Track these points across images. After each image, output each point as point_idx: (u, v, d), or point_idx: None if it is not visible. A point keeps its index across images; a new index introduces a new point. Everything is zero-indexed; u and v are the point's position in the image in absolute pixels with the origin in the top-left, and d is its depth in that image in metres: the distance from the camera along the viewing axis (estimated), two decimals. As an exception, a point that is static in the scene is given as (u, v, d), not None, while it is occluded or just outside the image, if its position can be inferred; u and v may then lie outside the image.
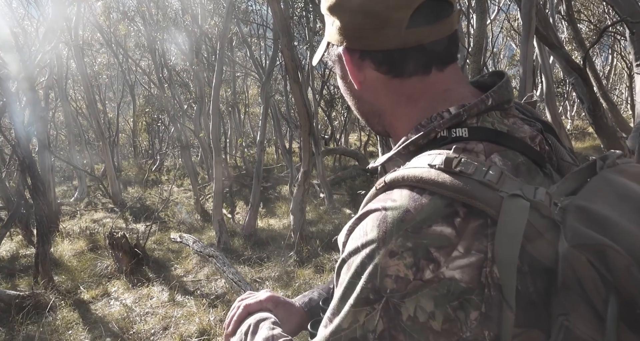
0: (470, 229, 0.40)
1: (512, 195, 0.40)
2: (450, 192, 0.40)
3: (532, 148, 0.47)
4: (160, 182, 10.63)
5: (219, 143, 5.87)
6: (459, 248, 0.39)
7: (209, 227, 6.04)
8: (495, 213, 0.39)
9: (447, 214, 0.40)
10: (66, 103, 9.09)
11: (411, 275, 0.39)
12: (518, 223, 0.39)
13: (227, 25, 5.51)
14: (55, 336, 3.26)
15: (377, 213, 0.43)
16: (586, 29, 8.48)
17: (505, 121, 0.49)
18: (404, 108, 0.52)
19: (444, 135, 0.48)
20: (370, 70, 0.51)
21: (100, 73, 12.83)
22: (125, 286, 4.16)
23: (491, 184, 0.41)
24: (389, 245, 0.40)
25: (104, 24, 9.03)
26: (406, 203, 0.41)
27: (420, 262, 0.39)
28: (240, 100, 12.11)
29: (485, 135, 0.47)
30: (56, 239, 5.53)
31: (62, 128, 13.29)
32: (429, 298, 0.39)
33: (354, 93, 0.55)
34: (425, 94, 0.51)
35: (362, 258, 0.42)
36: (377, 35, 0.49)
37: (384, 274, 0.40)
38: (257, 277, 4.23)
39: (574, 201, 0.40)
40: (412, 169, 0.44)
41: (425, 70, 0.51)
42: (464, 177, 0.41)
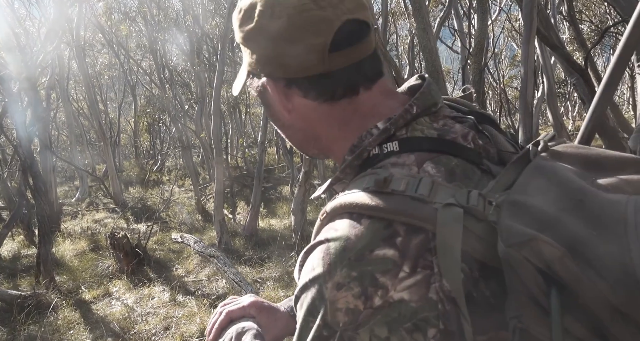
0: (413, 247, 0.39)
1: (445, 205, 0.39)
2: (386, 213, 0.40)
3: (464, 147, 0.46)
4: (161, 182, 10.64)
5: (220, 143, 5.88)
6: (405, 269, 0.38)
7: (210, 227, 6.04)
8: (433, 226, 0.39)
9: (387, 236, 0.39)
10: (68, 103, 9.11)
11: (361, 305, 0.39)
12: (454, 232, 0.38)
13: (228, 25, 5.52)
14: (56, 336, 3.26)
15: (322, 246, 0.42)
16: (588, 30, 8.47)
17: (435, 125, 0.48)
18: (338, 131, 0.51)
19: (376, 153, 0.47)
20: (298, 98, 0.50)
21: (102, 73, 12.85)
22: (127, 286, 4.17)
23: (423, 198, 0.40)
24: (334, 277, 0.39)
25: (105, 24, 9.05)
26: (347, 232, 0.41)
27: (368, 290, 0.39)
28: (241, 100, 12.12)
29: (416, 144, 0.46)
30: (58, 239, 5.54)
31: (63, 128, 13.32)
32: (382, 325, 0.38)
33: (284, 122, 0.54)
34: (355, 114, 0.50)
35: (312, 294, 0.41)
36: (300, 62, 0.47)
37: (334, 308, 0.39)
38: (258, 277, 4.23)
39: (508, 196, 0.40)
40: (348, 195, 0.43)
41: (353, 91, 0.50)
42: (397, 195, 0.41)
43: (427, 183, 0.41)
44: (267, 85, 0.51)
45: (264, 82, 0.51)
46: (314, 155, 0.57)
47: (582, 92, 3.69)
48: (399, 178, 0.42)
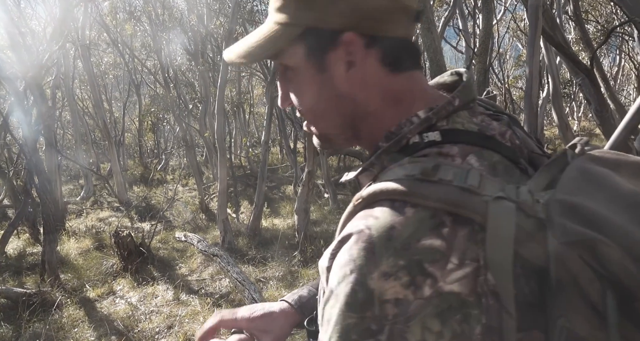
0: (460, 238, 0.38)
1: (496, 198, 0.38)
2: (433, 202, 0.38)
3: (504, 145, 0.45)
4: (165, 181, 10.68)
5: (224, 143, 5.89)
6: (453, 260, 0.37)
7: (213, 226, 6.06)
8: (482, 218, 0.37)
9: (433, 226, 0.38)
10: (73, 102, 9.17)
11: (411, 295, 0.36)
12: (507, 226, 0.37)
13: (232, 25, 5.53)
14: (61, 333, 3.28)
15: (361, 235, 0.39)
16: (594, 30, 8.42)
17: (474, 120, 0.47)
18: (388, 109, 0.48)
19: (417, 141, 0.45)
20: (373, 62, 0.46)
21: (107, 73, 12.91)
22: (131, 284, 4.19)
23: (473, 189, 0.39)
24: (381, 266, 0.37)
25: (110, 24, 9.09)
26: (390, 220, 0.39)
27: (417, 279, 0.37)
28: (245, 100, 12.14)
29: (457, 136, 0.44)
30: (62, 237, 5.58)
31: (68, 127, 13.40)
32: (433, 317, 0.36)
33: (339, 90, 0.48)
34: (409, 93, 0.48)
35: (352, 286, 0.38)
36: (392, 20, 0.45)
37: (382, 299, 0.37)
38: (261, 277, 4.24)
39: (554, 196, 0.39)
40: (389, 182, 0.41)
41: (417, 65, 0.49)
42: (444, 184, 0.39)
43: (476, 175, 0.40)
44: (349, 42, 0.45)
45: (346, 39, 0.45)
46: (342, 141, 0.52)
47: (587, 93, 3.67)
48: (446, 168, 0.40)
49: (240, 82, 11.90)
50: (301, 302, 0.70)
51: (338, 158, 10.88)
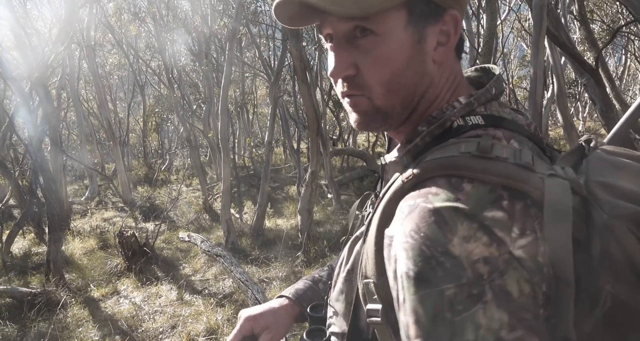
0: (518, 211, 0.39)
1: (550, 174, 0.40)
2: (493, 176, 0.40)
3: (533, 134, 0.48)
4: (169, 181, 10.71)
5: (228, 143, 5.90)
6: (515, 230, 0.38)
7: (217, 226, 6.07)
8: (538, 193, 0.39)
9: (493, 199, 0.39)
10: (78, 103, 9.22)
11: (495, 251, 0.37)
12: (565, 200, 0.39)
13: (236, 25, 5.54)
14: (65, 333, 3.30)
15: (424, 208, 0.39)
16: (599, 29, 8.36)
17: (504, 110, 0.50)
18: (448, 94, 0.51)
19: (461, 124, 0.47)
20: (453, 45, 0.51)
21: (112, 73, 12.98)
22: (135, 284, 4.21)
23: (529, 166, 0.41)
24: (458, 232, 0.37)
25: (115, 24, 9.14)
26: (451, 194, 0.40)
27: (495, 238, 0.38)
28: (248, 100, 12.16)
29: (497, 122, 0.47)
30: (67, 237, 5.61)
31: (73, 128, 13.47)
32: (522, 268, 0.37)
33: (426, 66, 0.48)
34: (460, 80, 0.52)
35: (435, 258, 0.37)
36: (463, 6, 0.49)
37: (470, 261, 0.36)
38: (264, 277, 4.24)
39: (590, 177, 0.42)
40: (443, 159, 0.42)
41: (460, 53, 0.53)
42: (501, 161, 0.41)
43: (528, 154, 0.42)
44: (449, 21, 0.48)
45: (451, 15, 0.47)
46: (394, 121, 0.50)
47: (592, 93, 3.64)
48: (499, 147, 0.42)
49: (244, 82, 11.92)
50: (298, 294, 0.72)
51: (342, 159, 10.87)
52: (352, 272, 0.56)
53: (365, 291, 0.47)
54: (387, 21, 0.45)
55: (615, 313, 0.37)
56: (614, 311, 0.37)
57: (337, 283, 0.59)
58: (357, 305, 0.52)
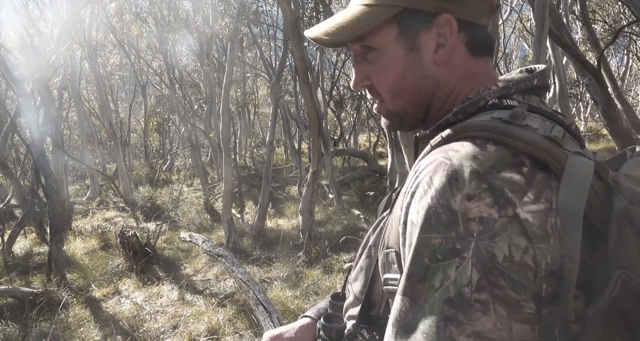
0: (538, 179, 0.39)
1: (576, 152, 0.41)
2: (518, 141, 0.40)
3: (572, 129, 0.48)
4: (170, 181, 10.72)
5: (229, 143, 5.91)
6: (529, 195, 0.39)
7: (218, 226, 6.07)
8: (561, 167, 0.40)
9: (514, 163, 0.40)
10: (79, 103, 9.24)
11: (495, 213, 0.38)
12: (585, 177, 0.39)
13: (237, 26, 5.54)
14: (67, 333, 3.30)
15: (441, 163, 0.41)
16: (601, 30, 8.34)
17: (544, 107, 0.49)
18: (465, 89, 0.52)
19: (496, 103, 0.47)
20: (460, 44, 0.50)
21: (113, 73, 12.99)
22: (136, 284, 4.21)
23: (557, 140, 0.41)
24: (464, 189, 0.39)
25: (116, 25, 9.15)
26: (471, 151, 0.40)
27: (501, 200, 0.38)
28: (250, 100, 12.17)
29: (533, 108, 0.47)
30: (69, 237, 5.61)
31: (75, 128, 13.50)
32: (519, 234, 0.37)
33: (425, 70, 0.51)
34: (484, 76, 0.52)
35: (435, 208, 0.39)
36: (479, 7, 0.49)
37: (466, 218, 0.38)
38: (265, 277, 4.24)
39: (619, 171, 0.43)
40: (474, 122, 0.43)
41: (490, 52, 0.52)
42: (531, 130, 0.41)
43: (560, 131, 0.43)
44: (443, 25, 0.48)
45: (441, 21, 0.48)
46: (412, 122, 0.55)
47: (594, 93, 3.63)
48: (533, 118, 0.43)
49: (245, 82, 11.92)
50: (320, 313, 0.74)
51: (343, 159, 10.87)
52: (373, 247, 0.58)
53: (385, 261, 0.50)
54: (380, 37, 0.50)
55: (623, 299, 0.37)
56: (622, 297, 0.37)
57: (358, 262, 0.61)
58: (374, 279, 0.54)
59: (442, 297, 0.37)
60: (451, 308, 0.37)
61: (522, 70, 0.54)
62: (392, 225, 0.49)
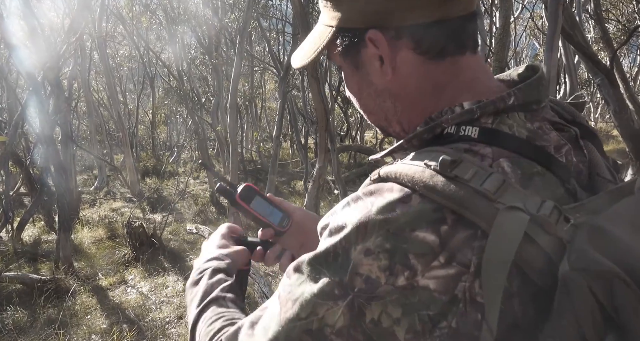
0: (456, 240, 0.36)
1: (509, 207, 0.35)
2: (440, 197, 0.37)
3: (553, 158, 0.41)
4: (177, 173, 10.79)
5: (236, 137, 5.92)
6: (440, 259, 0.36)
7: (223, 219, 6.11)
8: (487, 226, 0.35)
9: (433, 220, 0.36)
10: (89, 94, 9.29)
11: (383, 279, 0.36)
12: (511, 239, 0.34)
13: (247, 19, 5.53)
14: (74, 320, 3.36)
15: (363, 206, 0.39)
16: (614, 29, 8.22)
17: (528, 125, 0.42)
18: (427, 100, 0.46)
19: (451, 132, 0.42)
20: (406, 52, 0.44)
21: (122, 65, 13.05)
22: (142, 274, 4.26)
23: (487, 193, 0.36)
24: (366, 242, 0.37)
25: (126, 16, 9.18)
26: (393, 201, 0.38)
27: (396, 267, 0.36)
28: (257, 94, 12.17)
29: (496, 139, 0.41)
30: (76, 226, 5.68)
31: (84, 118, 13.59)
32: (397, 305, 0.36)
33: (377, 86, 0.47)
34: (453, 81, 0.45)
35: (336, 247, 0.39)
36: (417, 6, 0.41)
37: (355, 271, 0.37)
38: (270, 271, 4.27)
39: (592, 220, 0.35)
40: (407, 166, 0.40)
41: (462, 48, 0.44)
42: (459, 182, 0.37)
43: (497, 180, 0.37)
44: (375, 38, 0.44)
45: (370, 36, 0.44)
46: (394, 132, 0.51)
47: (606, 93, 3.59)
48: (466, 166, 0.38)
49: (253, 76, 11.93)
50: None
51: (349, 155, 10.86)
52: None
53: None
54: (334, 57, 0.49)
55: None
56: None
57: None
58: None
59: (304, 327, 0.39)
60: (308, 337, 0.39)
61: (527, 67, 0.48)
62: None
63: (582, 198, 0.40)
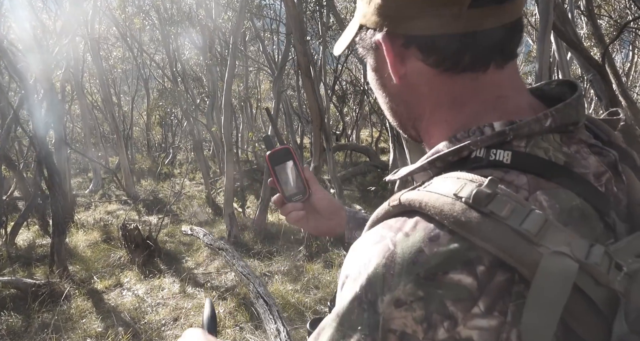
0: (495, 284, 0.32)
1: (554, 252, 0.31)
2: (474, 237, 0.32)
3: (594, 188, 0.37)
4: (172, 175, 10.75)
5: (231, 137, 5.91)
6: (480, 305, 0.32)
7: (220, 220, 6.10)
8: (528, 272, 0.31)
9: (468, 260, 0.32)
10: (82, 96, 9.24)
11: (421, 333, 0.32)
12: (560, 290, 0.30)
13: (240, 19, 5.52)
14: (69, 324, 3.34)
15: (385, 249, 0.35)
16: (606, 25, 8.26)
17: (565, 149, 0.38)
18: (445, 113, 0.42)
19: (480, 156, 0.38)
20: (415, 61, 0.41)
21: (115, 67, 12.99)
22: (138, 277, 4.24)
23: (528, 235, 0.32)
24: (395, 291, 0.33)
25: (119, 17, 9.14)
26: (420, 241, 0.34)
27: (433, 317, 0.32)
28: (252, 94, 12.15)
29: (533, 165, 0.36)
30: (71, 230, 5.65)
31: (78, 121, 13.53)
32: None
33: (389, 89, 0.45)
34: (475, 98, 0.41)
35: (360, 301, 0.34)
36: (430, 15, 0.38)
37: (387, 328, 0.33)
38: (266, 271, 4.26)
39: None
40: (435, 196, 0.35)
41: (483, 65, 0.40)
42: (495, 220, 0.32)
43: (539, 218, 0.32)
44: (382, 42, 0.42)
45: (379, 39, 0.42)
46: (411, 136, 0.48)
47: (598, 89, 3.61)
48: (503, 200, 0.33)
49: (247, 76, 11.90)
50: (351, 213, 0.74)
51: (345, 154, 10.87)
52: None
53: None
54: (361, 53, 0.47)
55: None
56: None
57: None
58: None
59: None
60: None
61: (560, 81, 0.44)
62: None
63: (621, 231, 0.36)
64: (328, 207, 0.70)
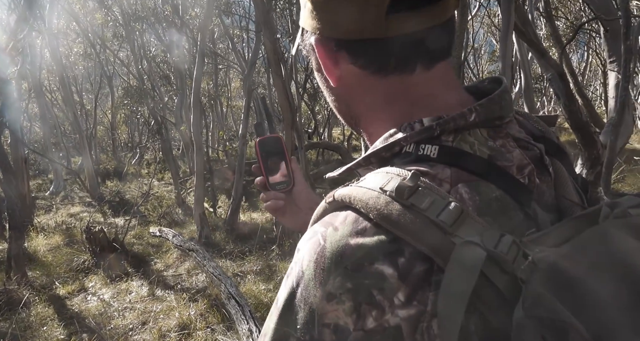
0: (415, 274, 0.33)
1: (466, 242, 0.32)
2: (394, 228, 0.34)
3: (515, 181, 0.38)
4: (140, 175, 10.43)
5: (201, 136, 5.79)
6: (399, 295, 0.33)
7: (190, 221, 5.97)
8: (443, 261, 0.32)
9: (390, 251, 0.34)
10: (40, 94, 8.80)
11: (351, 324, 0.33)
12: (467, 277, 0.31)
13: (208, 16, 5.41)
14: (28, 332, 3.18)
15: (316, 243, 0.36)
16: (563, 26, 8.66)
17: (490, 143, 0.40)
18: (380, 112, 0.44)
19: (410, 151, 0.40)
20: (347, 64, 0.43)
21: (77, 63, 12.45)
22: (103, 281, 4.09)
23: (444, 226, 0.33)
24: (326, 286, 0.34)
25: (79, 12, 8.75)
26: (348, 234, 0.35)
27: (362, 307, 0.33)
28: (222, 93, 11.96)
29: (457, 159, 0.38)
30: (30, 234, 5.38)
31: (36, 120, 12.88)
32: None
33: (331, 90, 0.47)
34: (405, 97, 0.43)
35: (295, 301, 0.35)
36: (353, 20, 0.39)
37: (322, 323, 0.34)
38: (238, 271, 4.21)
39: (551, 256, 0.32)
40: (363, 190, 0.37)
41: (407, 67, 0.41)
42: (415, 211, 0.34)
43: (455, 210, 0.34)
44: (315, 45, 0.43)
45: (312, 42, 0.44)
46: (358, 133, 0.50)
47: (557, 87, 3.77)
48: (424, 193, 0.35)
49: (217, 74, 11.69)
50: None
51: (317, 152, 10.89)
52: None
53: None
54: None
55: None
56: None
57: None
58: None
59: None
60: None
61: (491, 79, 0.46)
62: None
63: (545, 221, 0.38)
64: (307, 201, 0.70)
